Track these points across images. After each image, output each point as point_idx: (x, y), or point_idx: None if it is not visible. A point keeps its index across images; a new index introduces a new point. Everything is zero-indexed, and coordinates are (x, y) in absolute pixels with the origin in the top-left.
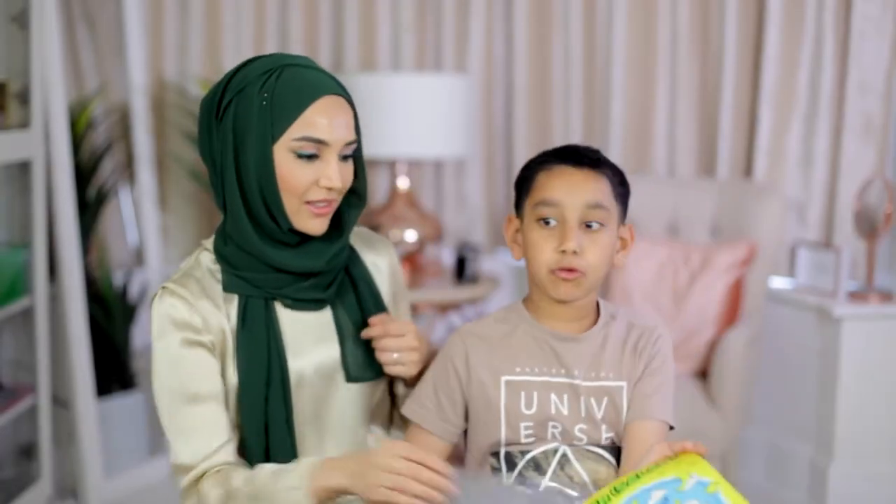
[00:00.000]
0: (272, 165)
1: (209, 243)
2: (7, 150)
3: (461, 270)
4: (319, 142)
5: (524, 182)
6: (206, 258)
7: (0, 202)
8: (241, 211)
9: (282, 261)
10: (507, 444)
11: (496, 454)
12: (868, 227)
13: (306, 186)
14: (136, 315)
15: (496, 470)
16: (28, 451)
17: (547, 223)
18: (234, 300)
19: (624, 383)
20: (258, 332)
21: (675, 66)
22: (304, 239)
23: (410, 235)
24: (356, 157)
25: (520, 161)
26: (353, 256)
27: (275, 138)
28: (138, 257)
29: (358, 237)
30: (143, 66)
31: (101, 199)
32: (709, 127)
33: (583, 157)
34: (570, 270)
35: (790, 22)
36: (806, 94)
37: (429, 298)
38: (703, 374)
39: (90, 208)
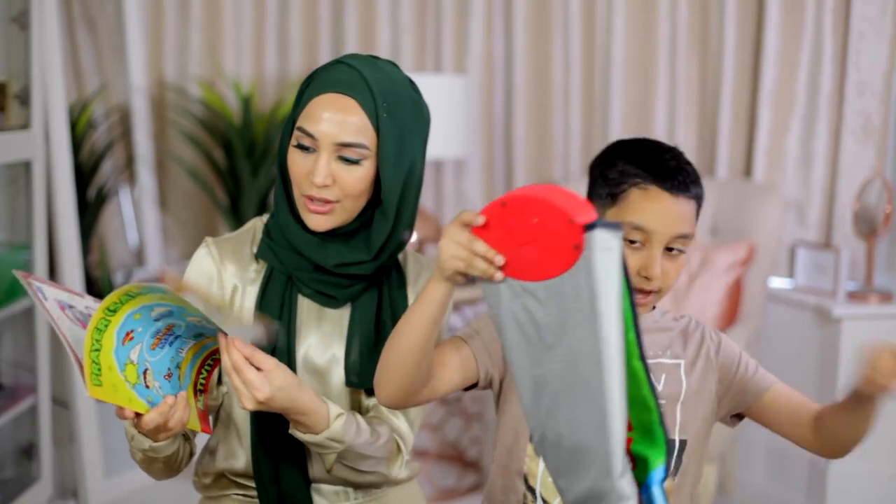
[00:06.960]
0: (286, 152)
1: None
2: (7, 151)
3: None
4: (310, 135)
5: (612, 186)
6: (261, 224)
7: (0, 202)
8: (280, 187)
9: (300, 243)
10: None
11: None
12: (867, 227)
13: (300, 178)
14: None
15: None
16: (28, 451)
17: (632, 243)
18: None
19: (682, 361)
20: (273, 304)
21: (675, 67)
22: (331, 234)
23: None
24: (382, 167)
25: (520, 161)
26: (397, 277)
27: (293, 127)
28: (138, 257)
29: (414, 260)
30: (143, 66)
31: (102, 199)
32: (708, 127)
33: (678, 183)
34: (646, 293)
35: (789, 23)
36: (805, 95)
37: None
38: None
39: (90, 208)
